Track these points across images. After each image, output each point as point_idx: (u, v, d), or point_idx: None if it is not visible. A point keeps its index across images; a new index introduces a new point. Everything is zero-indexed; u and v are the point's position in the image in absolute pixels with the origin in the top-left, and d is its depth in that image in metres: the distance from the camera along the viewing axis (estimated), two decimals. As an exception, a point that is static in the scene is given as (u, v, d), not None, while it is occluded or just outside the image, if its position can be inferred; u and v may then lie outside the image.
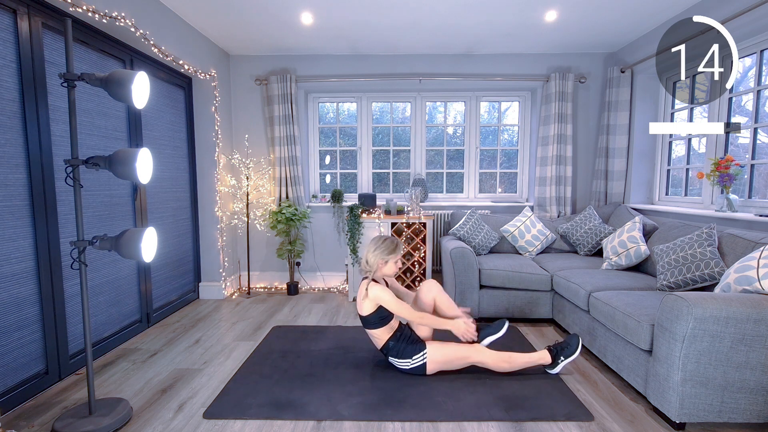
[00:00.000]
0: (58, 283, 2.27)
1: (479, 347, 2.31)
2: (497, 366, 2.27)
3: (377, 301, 2.25)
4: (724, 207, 2.74)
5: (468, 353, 2.28)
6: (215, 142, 3.83)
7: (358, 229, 3.83)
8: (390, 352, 2.32)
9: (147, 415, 1.96)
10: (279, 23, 3.39)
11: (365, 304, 2.28)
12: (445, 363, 2.28)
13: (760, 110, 2.74)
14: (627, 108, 3.82)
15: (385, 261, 2.32)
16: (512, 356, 2.30)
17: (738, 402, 1.77)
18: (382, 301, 2.25)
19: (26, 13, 2.07)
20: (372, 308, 2.27)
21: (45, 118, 2.17)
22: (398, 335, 2.32)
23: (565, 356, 2.31)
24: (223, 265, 3.94)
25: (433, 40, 3.76)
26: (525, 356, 2.31)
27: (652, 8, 3.10)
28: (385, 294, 2.24)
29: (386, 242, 2.34)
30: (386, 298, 2.24)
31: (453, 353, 2.28)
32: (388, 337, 2.32)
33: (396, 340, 2.31)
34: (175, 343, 2.83)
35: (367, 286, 2.28)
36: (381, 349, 2.36)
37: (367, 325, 2.33)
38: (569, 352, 2.31)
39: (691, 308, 1.72)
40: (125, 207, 2.86)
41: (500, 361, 2.27)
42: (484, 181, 4.53)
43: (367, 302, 2.27)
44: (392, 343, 2.31)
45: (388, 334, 2.32)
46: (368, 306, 2.28)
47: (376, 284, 2.27)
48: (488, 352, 2.29)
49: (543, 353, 2.33)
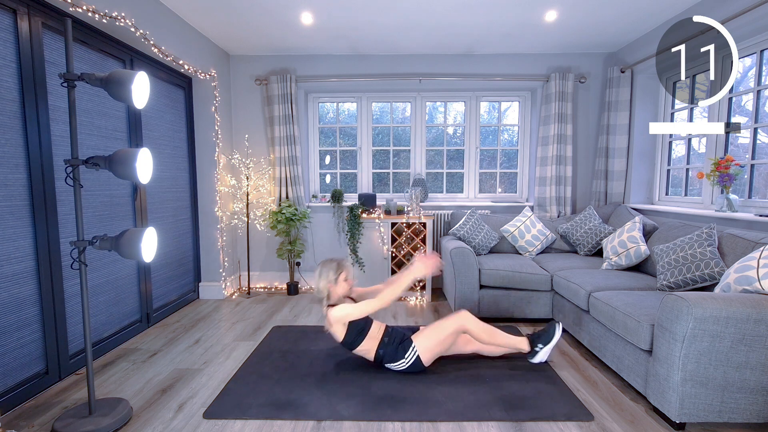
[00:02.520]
0: (58, 283, 2.26)
1: (463, 314, 2.34)
2: (479, 336, 2.33)
3: (343, 320, 2.26)
4: (724, 207, 2.74)
5: (453, 326, 2.30)
6: (215, 142, 3.83)
7: (358, 229, 3.83)
8: (383, 359, 2.33)
9: (147, 415, 1.96)
10: (279, 23, 3.39)
11: (335, 328, 2.29)
12: (436, 346, 2.29)
13: (760, 110, 2.74)
14: (627, 108, 3.82)
15: (334, 281, 2.31)
16: (495, 332, 2.36)
17: (738, 402, 1.77)
18: (346, 316, 2.25)
19: (26, 13, 2.06)
20: (344, 329, 2.28)
21: (45, 118, 2.17)
22: (385, 341, 2.33)
23: (543, 343, 2.35)
24: (223, 265, 3.94)
25: (433, 40, 3.76)
26: (506, 336, 2.37)
27: (652, 8, 3.10)
28: (342, 309, 2.24)
29: (327, 265, 2.33)
30: (347, 310, 2.24)
31: (440, 335, 2.29)
32: (377, 347, 2.32)
33: (384, 347, 2.31)
34: (175, 343, 2.83)
35: (326, 313, 2.29)
36: (374, 361, 2.36)
37: (351, 346, 2.33)
38: (546, 338, 2.35)
39: (691, 308, 1.72)
40: (125, 207, 2.86)
41: (482, 331, 2.33)
42: (484, 181, 4.53)
43: (336, 326, 2.28)
44: (382, 351, 2.31)
45: (375, 344, 2.32)
46: (339, 329, 2.28)
47: (332, 308, 2.27)
48: (473, 320, 2.33)
49: (522, 339, 2.39)
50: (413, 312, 3.52)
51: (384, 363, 2.34)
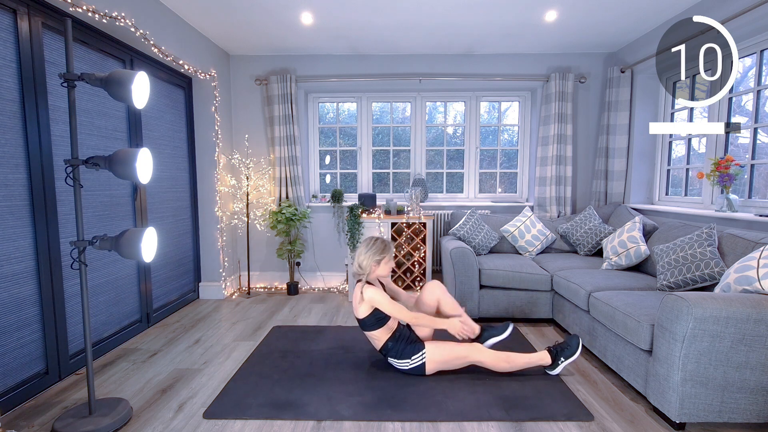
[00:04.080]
0: (58, 283, 2.26)
1: (478, 347, 2.31)
2: (496, 366, 2.27)
3: (372, 303, 2.25)
4: (724, 207, 2.74)
5: (467, 353, 2.27)
6: (215, 142, 3.83)
7: (358, 229, 3.83)
8: (389, 352, 2.32)
9: (147, 415, 1.96)
10: (279, 23, 3.39)
11: (361, 307, 2.28)
12: (444, 363, 2.28)
13: (760, 110, 2.74)
14: (627, 108, 3.82)
15: (378, 262, 2.31)
16: (511, 356, 2.29)
17: (738, 402, 1.77)
18: (377, 303, 2.25)
19: (26, 13, 2.06)
20: (368, 311, 2.28)
21: (45, 118, 2.17)
22: (397, 336, 2.32)
23: (566, 357, 2.30)
24: (223, 265, 3.94)
25: (433, 40, 3.76)
26: (525, 356, 2.30)
27: (652, 8, 3.10)
28: (380, 296, 2.24)
29: (377, 243, 2.33)
30: (381, 301, 2.24)
31: (452, 353, 2.27)
32: (387, 338, 2.31)
33: (395, 340, 2.31)
34: (175, 343, 2.83)
35: (362, 289, 2.28)
36: (380, 350, 2.36)
37: (365, 327, 2.33)
38: (569, 352, 2.30)
39: (691, 308, 1.72)
40: (125, 207, 2.86)
41: (499, 360, 2.26)
42: (484, 181, 4.53)
43: (363, 305, 2.27)
44: (391, 344, 2.31)
45: (387, 335, 2.32)
46: (364, 309, 2.28)
47: (370, 286, 2.27)
48: (487, 352, 2.28)
49: (543, 354, 2.32)
50: (413, 312, 3.52)
51: (388, 356, 2.33)
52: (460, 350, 2.28)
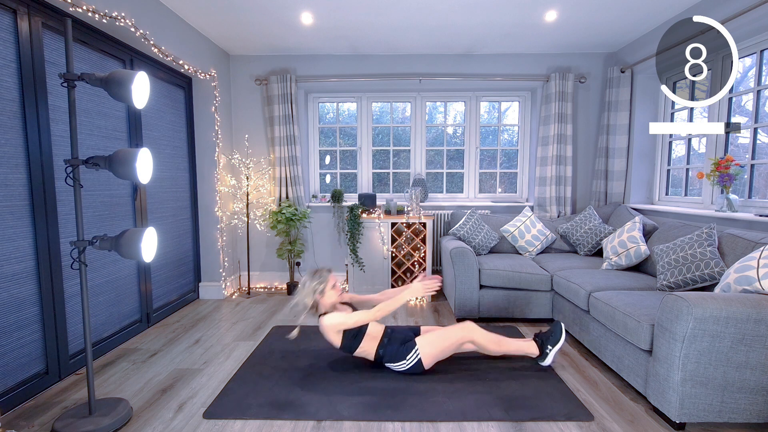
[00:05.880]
0: (58, 283, 2.26)
1: (469, 325, 2.33)
2: (486, 346, 2.31)
3: (335, 328, 2.26)
4: (724, 207, 2.74)
5: (459, 335, 2.29)
6: (215, 142, 3.83)
7: (358, 229, 3.83)
8: (384, 359, 2.32)
9: (147, 415, 1.96)
10: (279, 23, 3.39)
11: (330, 336, 2.29)
12: (439, 352, 2.28)
13: (760, 110, 2.74)
14: (627, 108, 3.82)
15: (321, 292, 2.29)
16: (502, 339, 2.34)
17: (738, 402, 1.77)
18: (338, 325, 2.25)
19: (26, 13, 2.06)
20: (339, 336, 2.28)
21: (45, 118, 2.17)
22: (385, 341, 2.33)
23: (552, 344, 2.35)
24: (223, 265, 3.94)
25: (433, 40, 3.76)
26: (514, 342, 2.36)
27: (652, 8, 3.10)
28: (336, 318, 2.25)
29: (313, 277, 2.32)
30: (339, 320, 2.25)
31: (444, 340, 2.29)
32: (376, 347, 2.32)
33: (385, 346, 2.31)
34: (175, 343, 2.83)
35: (319, 323, 2.30)
36: (375, 360, 2.36)
37: (350, 350, 2.33)
38: (554, 339, 2.35)
39: (691, 308, 1.72)
40: (125, 207, 2.86)
41: (490, 342, 2.31)
42: (484, 181, 4.53)
43: (330, 334, 2.29)
44: (382, 351, 2.31)
45: (374, 344, 2.32)
46: (333, 336, 2.29)
47: (324, 316, 2.28)
48: (479, 331, 2.31)
49: (530, 343, 2.38)
50: (413, 312, 3.52)
51: (384, 362, 2.33)
52: (451, 335, 2.29)
